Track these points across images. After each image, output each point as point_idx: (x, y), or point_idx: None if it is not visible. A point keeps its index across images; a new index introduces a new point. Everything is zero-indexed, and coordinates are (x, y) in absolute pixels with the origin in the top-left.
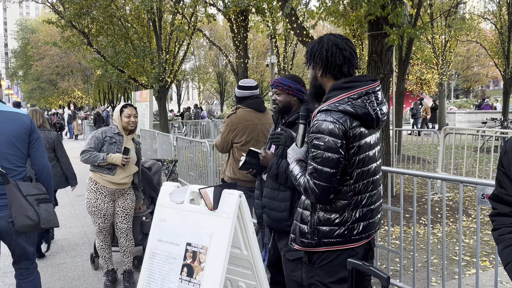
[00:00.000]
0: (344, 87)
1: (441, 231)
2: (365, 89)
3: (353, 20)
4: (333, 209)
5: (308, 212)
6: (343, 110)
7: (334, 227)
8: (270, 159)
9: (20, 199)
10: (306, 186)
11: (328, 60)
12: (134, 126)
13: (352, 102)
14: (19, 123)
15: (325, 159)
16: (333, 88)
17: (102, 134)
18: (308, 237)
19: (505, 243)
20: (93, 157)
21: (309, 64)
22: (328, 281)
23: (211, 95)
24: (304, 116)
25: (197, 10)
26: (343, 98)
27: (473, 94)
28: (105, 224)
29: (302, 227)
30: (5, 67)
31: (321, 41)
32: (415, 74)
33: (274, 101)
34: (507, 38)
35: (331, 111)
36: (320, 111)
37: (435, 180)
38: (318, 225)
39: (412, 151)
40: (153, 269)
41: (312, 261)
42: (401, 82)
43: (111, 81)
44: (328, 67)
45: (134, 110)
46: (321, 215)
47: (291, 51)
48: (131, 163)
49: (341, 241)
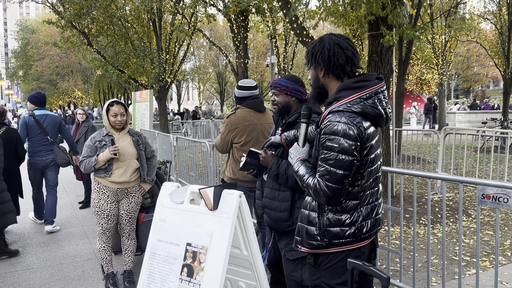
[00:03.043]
0: (354, 87)
1: (441, 231)
2: (374, 89)
3: (353, 20)
4: (343, 210)
5: (315, 213)
6: (356, 111)
7: (345, 228)
8: (270, 160)
9: (59, 152)
10: (317, 188)
11: (330, 59)
12: (122, 125)
13: (364, 102)
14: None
15: (339, 161)
16: (342, 88)
17: (92, 141)
18: (318, 239)
19: None
20: (88, 164)
21: (310, 65)
22: (334, 282)
23: (211, 95)
24: (305, 115)
25: (197, 10)
26: (355, 98)
27: (473, 94)
28: (109, 225)
29: (310, 229)
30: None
31: (322, 41)
32: (415, 74)
33: (273, 102)
34: (507, 38)
35: (344, 112)
36: (332, 111)
37: (435, 180)
38: (328, 227)
39: (412, 151)
40: (153, 269)
41: (317, 263)
42: (401, 82)
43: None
44: (331, 66)
45: (122, 107)
46: (331, 217)
47: (291, 51)
48: (128, 157)
49: (351, 241)
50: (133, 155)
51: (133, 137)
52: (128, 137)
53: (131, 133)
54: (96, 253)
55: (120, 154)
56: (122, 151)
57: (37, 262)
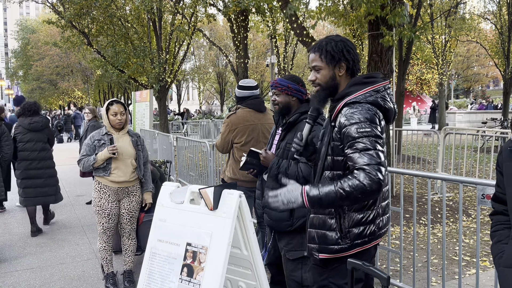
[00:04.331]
0: (364, 82)
1: (441, 231)
2: (382, 84)
3: (353, 20)
4: (364, 207)
5: (331, 217)
6: (372, 102)
7: (366, 226)
8: (270, 160)
9: None
10: (366, 183)
11: (354, 57)
12: (122, 124)
13: (377, 95)
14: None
15: (374, 142)
16: (353, 84)
17: (91, 139)
18: (340, 243)
19: (496, 238)
20: (87, 163)
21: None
22: (342, 282)
23: (211, 95)
24: (312, 117)
25: (197, 10)
26: (369, 91)
27: (473, 94)
28: (109, 224)
29: (329, 235)
30: (5, 67)
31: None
32: (415, 74)
33: (274, 102)
34: (507, 38)
35: (361, 103)
36: (348, 103)
37: (435, 180)
38: (351, 227)
39: (412, 151)
40: (153, 269)
41: (326, 263)
42: (401, 82)
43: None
44: (354, 64)
45: (122, 106)
46: (354, 216)
47: (291, 51)
48: (127, 157)
49: (371, 239)
50: (131, 155)
51: (132, 137)
52: (128, 137)
53: (130, 134)
54: (96, 253)
55: (118, 153)
56: (121, 151)
57: (37, 262)
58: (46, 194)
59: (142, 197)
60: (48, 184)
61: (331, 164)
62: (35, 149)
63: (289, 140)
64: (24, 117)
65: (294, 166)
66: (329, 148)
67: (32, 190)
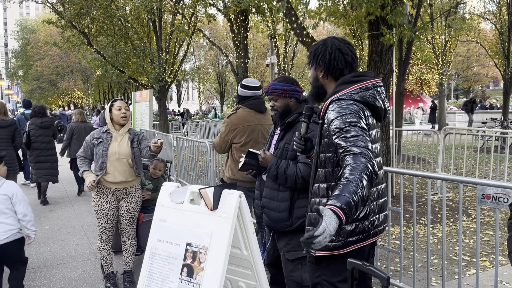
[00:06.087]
0: (352, 80)
1: (441, 231)
2: (372, 82)
3: (353, 20)
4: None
5: None
6: (357, 99)
7: (358, 223)
8: (269, 160)
9: None
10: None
11: (330, 63)
12: (126, 118)
13: (364, 92)
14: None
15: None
16: (341, 83)
17: (90, 137)
18: (334, 240)
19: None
20: (80, 166)
21: (311, 65)
22: (335, 280)
23: (211, 95)
24: (307, 115)
25: (197, 10)
26: (355, 89)
27: (473, 94)
28: (108, 224)
29: None
30: (5, 67)
31: (324, 44)
32: (415, 74)
33: (272, 107)
34: (507, 38)
35: (346, 99)
36: (333, 100)
37: (435, 180)
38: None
39: (412, 151)
40: (153, 269)
41: (319, 261)
42: (401, 82)
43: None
44: (330, 70)
45: (125, 103)
46: None
47: (291, 51)
48: (122, 157)
49: (366, 236)
50: (127, 155)
51: (130, 136)
52: (127, 136)
53: (130, 133)
54: (96, 253)
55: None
56: (118, 150)
57: (37, 262)
58: (53, 174)
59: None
60: (53, 167)
61: (323, 161)
62: (44, 141)
63: (288, 140)
64: (36, 118)
65: (293, 166)
66: (320, 146)
67: (43, 170)
